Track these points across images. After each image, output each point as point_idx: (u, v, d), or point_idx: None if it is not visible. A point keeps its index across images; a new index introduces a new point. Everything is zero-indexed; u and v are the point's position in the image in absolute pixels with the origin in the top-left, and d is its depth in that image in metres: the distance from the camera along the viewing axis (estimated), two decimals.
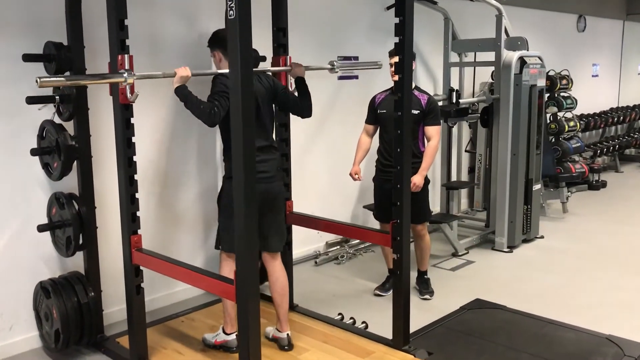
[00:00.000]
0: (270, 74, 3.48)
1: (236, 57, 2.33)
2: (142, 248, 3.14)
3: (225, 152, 3.24)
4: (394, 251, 3.30)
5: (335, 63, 3.83)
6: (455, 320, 3.82)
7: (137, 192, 3.13)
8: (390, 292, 4.02)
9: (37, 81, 2.51)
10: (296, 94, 3.44)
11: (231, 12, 2.31)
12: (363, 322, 3.75)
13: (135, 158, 3.72)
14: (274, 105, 3.40)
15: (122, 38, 2.94)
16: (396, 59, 3.62)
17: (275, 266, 3.39)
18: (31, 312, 3.50)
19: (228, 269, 3.20)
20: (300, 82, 3.43)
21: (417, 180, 3.94)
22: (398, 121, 3.17)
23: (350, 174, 4.21)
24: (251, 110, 2.41)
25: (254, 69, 3.39)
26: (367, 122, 4.31)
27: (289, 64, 3.76)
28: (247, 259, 2.49)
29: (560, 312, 3.98)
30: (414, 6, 3.08)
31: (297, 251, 5.06)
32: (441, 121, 4.30)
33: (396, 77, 3.62)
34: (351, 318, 3.80)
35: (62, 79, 3.07)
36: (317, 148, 5.24)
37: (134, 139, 3.10)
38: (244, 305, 2.52)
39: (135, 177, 3.17)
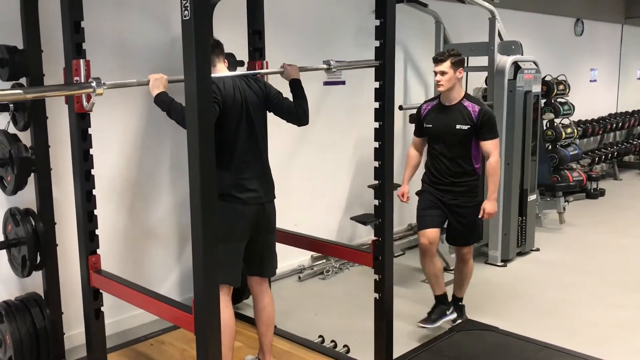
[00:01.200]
0: (261, 77, 3.15)
1: (191, 63, 2.08)
2: (101, 270, 2.89)
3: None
4: (375, 272, 3.06)
5: (331, 62, 3.47)
6: (443, 344, 3.57)
7: (95, 208, 2.87)
8: (439, 323, 3.77)
9: None
10: (291, 98, 3.05)
11: (186, 12, 2.07)
12: (345, 346, 3.51)
13: (102, 169, 3.49)
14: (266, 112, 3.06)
15: (77, 42, 2.70)
16: (442, 66, 3.52)
17: (262, 293, 3.10)
18: None
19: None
20: (296, 85, 3.03)
21: (488, 207, 3.57)
22: (379, 133, 2.93)
23: (397, 195, 3.66)
24: (210, 125, 2.16)
25: (240, 72, 3.12)
26: (415, 134, 3.89)
27: (266, 67, 3.53)
28: (208, 285, 2.24)
29: (555, 333, 3.74)
30: (396, 8, 2.85)
31: (281, 265, 4.75)
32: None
33: (441, 88, 3.57)
34: (332, 341, 3.57)
35: (20, 91, 2.77)
36: (302, 156, 5.00)
37: (91, 151, 2.85)
38: (203, 337, 2.27)
39: (94, 192, 2.91)
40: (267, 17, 3.68)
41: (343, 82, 5.15)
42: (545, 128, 7.31)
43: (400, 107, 5.22)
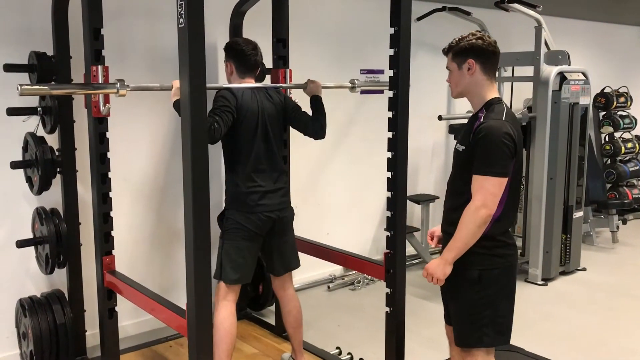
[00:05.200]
0: (281, 90, 3.25)
1: (185, 72, 2.10)
2: (115, 270, 2.97)
3: (227, 173, 3.01)
4: (387, 285, 3.00)
5: (356, 81, 3.50)
6: None
7: (111, 210, 2.97)
8: None
9: (18, 89, 2.38)
10: (310, 113, 3.18)
11: (181, 19, 2.09)
12: (360, 359, 3.44)
13: (130, 172, 3.58)
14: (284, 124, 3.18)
15: (96, 48, 2.81)
16: (447, 62, 2.45)
17: (287, 297, 3.20)
18: (14, 329, 3.40)
19: (225, 306, 2.86)
20: (316, 101, 3.17)
21: (432, 266, 2.34)
22: (392, 142, 2.89)
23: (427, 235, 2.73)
24: (203, 133, 2.17)
25: (262, 84, 3.20)
26: None
27: (289, 76, 3.54)
28: (200, 290, 2.25)
29: (589, 359, 3.54)
30: (410, 13, 2.78)
31: (311, 274, 4.82)
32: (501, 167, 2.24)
33: (452, 94, 2.51)
34: (349, 354, 3.52)
35: (46, 87, 2.93)
36: (336, 164, 4.97)
37: (111, 154, 2.95)
38: (195, 341, 2.28)
39: (120, 194, 3.02)
40: (299, 25, 3.70)
41: (381, 92, 5.07)
42: (603, 142, 6.98)
43: (440, 117, 5.11)
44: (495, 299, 2.33)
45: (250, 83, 3.00)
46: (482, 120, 2.29)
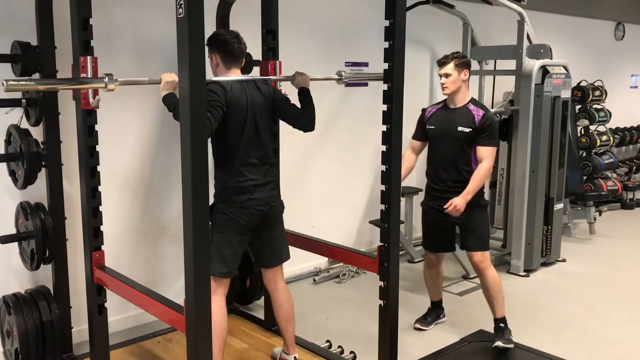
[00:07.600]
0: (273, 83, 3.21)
1: (185, 63, 2.06)
2: (105, 266, 2.90)
3: (216, 167, 2.94)
4: (381, 278, 2.99)
5: (343, 73, 3.44)
6: (451, 354, 3.48)
7: (100, 204, 2.89)
8: (432, 326, 3.94)
9: (3, 84, 2.29)
10: (298, 105, 3.12)
11: (180, 10, 2.05)
12: (351, 352, 3.44)
13: (116, 165, 3.53)
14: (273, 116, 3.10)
15: (85, 39, 2.73)
16: (446, 69, 3.56)
17: (278, 291, 3.16)
18: None
19: (216, 300, 2.70)
20: (304, 94, 3.11)
21: (457, 202, 3.46)
22: (387, 136, 2.86)
23: None
24: (203, 126, 2.13)
25: (251, 76, 3.13)
26: (414, 137, 3.84)
27: (279, 68, 3.50)
28: (199, 286, 2.21)
29: (574, 349, 3.60)
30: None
31: (296, 267, 4.80)
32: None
33: (446, 90, 3.60)
34: (339, 347, 3.51)
35: (33, 83, 2.84)
36: (321, 158, 4.95)
37: (100, 147, 2.87)
38: (193, 338, 2.24)
39: (107, 188, 2.96)
40: (287, 18, 3.66)
41: (365, 84, 5.07)
42: (579, 135, 7.11)
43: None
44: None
45: (237, 74, 2.94)
46: (479, 111, 3.57)
